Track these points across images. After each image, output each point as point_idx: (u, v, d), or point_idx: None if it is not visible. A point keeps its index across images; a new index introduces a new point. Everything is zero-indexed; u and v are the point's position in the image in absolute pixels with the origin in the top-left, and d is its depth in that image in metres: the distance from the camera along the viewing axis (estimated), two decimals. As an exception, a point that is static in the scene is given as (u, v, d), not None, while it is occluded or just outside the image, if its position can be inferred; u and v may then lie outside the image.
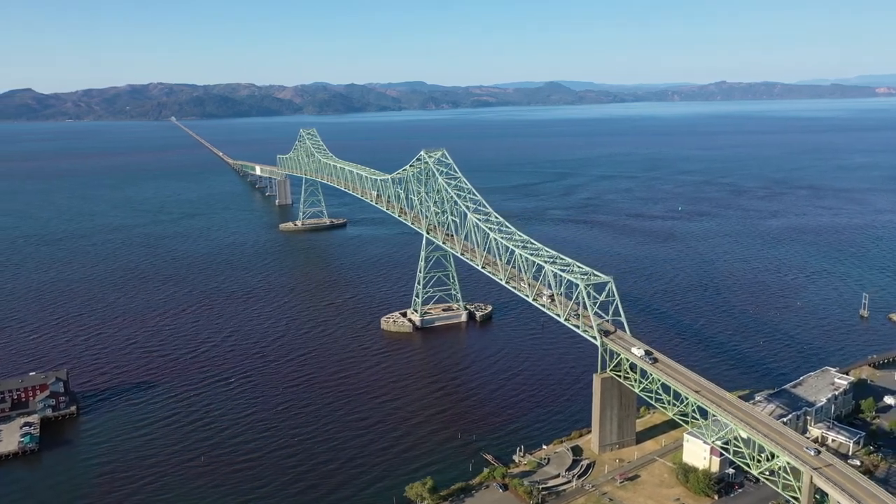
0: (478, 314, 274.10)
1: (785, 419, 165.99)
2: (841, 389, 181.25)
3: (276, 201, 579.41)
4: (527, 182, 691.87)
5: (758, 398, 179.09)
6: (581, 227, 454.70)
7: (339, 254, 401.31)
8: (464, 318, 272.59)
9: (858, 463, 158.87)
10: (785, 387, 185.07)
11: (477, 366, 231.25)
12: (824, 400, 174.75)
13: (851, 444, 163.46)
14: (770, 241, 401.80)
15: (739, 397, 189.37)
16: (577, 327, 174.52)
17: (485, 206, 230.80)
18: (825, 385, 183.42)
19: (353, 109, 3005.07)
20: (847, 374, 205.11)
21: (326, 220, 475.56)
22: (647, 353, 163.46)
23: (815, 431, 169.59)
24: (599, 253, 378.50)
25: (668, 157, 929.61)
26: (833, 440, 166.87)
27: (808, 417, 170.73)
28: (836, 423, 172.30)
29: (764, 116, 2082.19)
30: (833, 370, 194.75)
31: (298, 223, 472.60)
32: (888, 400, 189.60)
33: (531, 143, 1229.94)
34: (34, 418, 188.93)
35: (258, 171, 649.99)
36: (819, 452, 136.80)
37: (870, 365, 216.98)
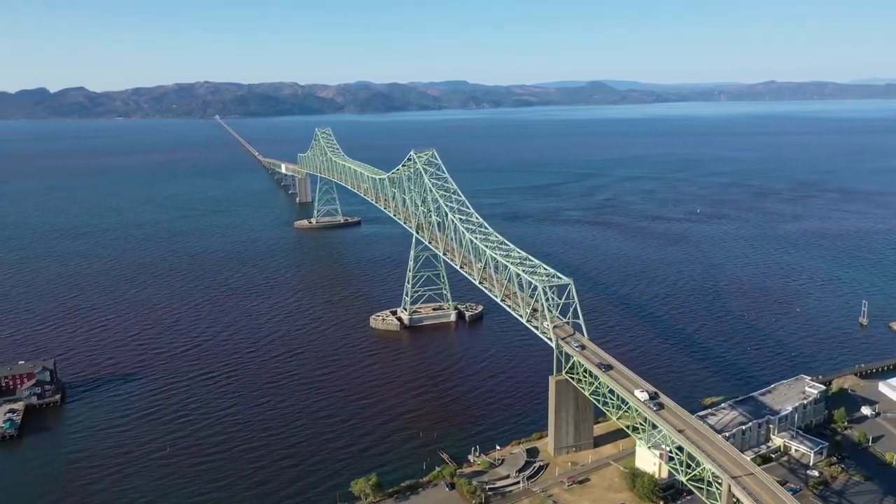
0: (468, 314, 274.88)
1: (746, 426, 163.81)
2: (811, 398, 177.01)
3: (297, 199, 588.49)
4: (551, 182, 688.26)
5: (723, 405, 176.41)
6: (592, 228, 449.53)
7: (348, 252, 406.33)
8: (453, 317, 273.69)
9: (817, 474, 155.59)
10: (753, 394, 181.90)
11: (458, 366, 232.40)
12: (790, 408, 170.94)
13: (812, 455, 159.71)
14: (785, 246, 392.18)
15: (711, 404, 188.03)
16: (537, 328, 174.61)
17: (467, 207, 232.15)
18: (795, 393, 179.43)
19: (393, 108, 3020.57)
20: (829, 383, 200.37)
21: (340, 219, 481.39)
22: (653, 396, 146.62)
23: (777, 440, 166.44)
24: (603, 255, 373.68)
25: (702, 158, 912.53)
26: (795, 450, 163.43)
27: (771, 426, 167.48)
28: (800, 432, 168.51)
29: (812, 117, 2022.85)
30: (807, 378, 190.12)
31: (313, 221, 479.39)
32: (864, 410, 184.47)
33: (565, 143, 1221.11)
34: (19, 405, 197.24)
35: (283, 168, 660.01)
36: (661, 407, 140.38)
37: (855, 374, 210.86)
